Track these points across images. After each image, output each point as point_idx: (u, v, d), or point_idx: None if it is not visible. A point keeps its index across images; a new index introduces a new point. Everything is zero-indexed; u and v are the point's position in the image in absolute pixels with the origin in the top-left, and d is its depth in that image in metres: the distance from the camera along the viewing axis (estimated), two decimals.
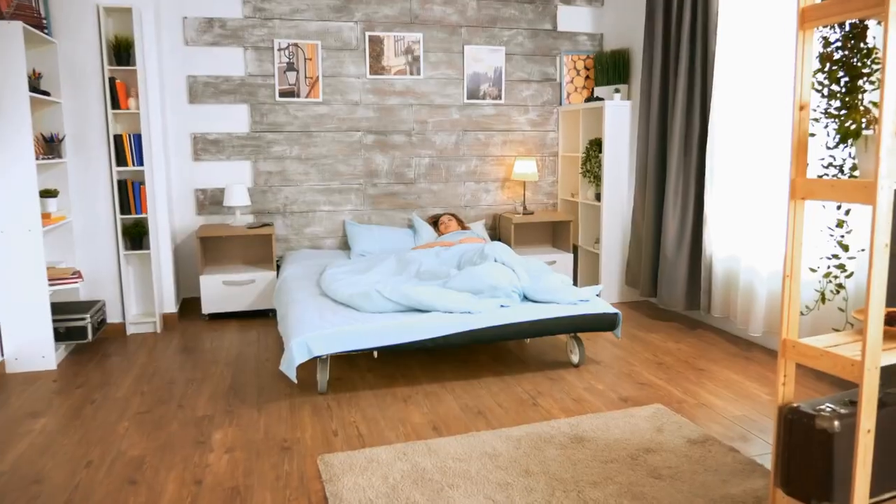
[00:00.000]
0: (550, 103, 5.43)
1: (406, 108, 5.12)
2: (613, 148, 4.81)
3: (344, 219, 5.13)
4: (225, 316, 4.68)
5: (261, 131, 4.88)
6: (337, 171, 5.06)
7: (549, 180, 5.53)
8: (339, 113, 5.00)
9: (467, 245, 4.16)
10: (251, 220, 4.95)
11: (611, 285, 4.97)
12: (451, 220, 4.93)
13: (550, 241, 5.54)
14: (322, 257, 4.78)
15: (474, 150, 5.31)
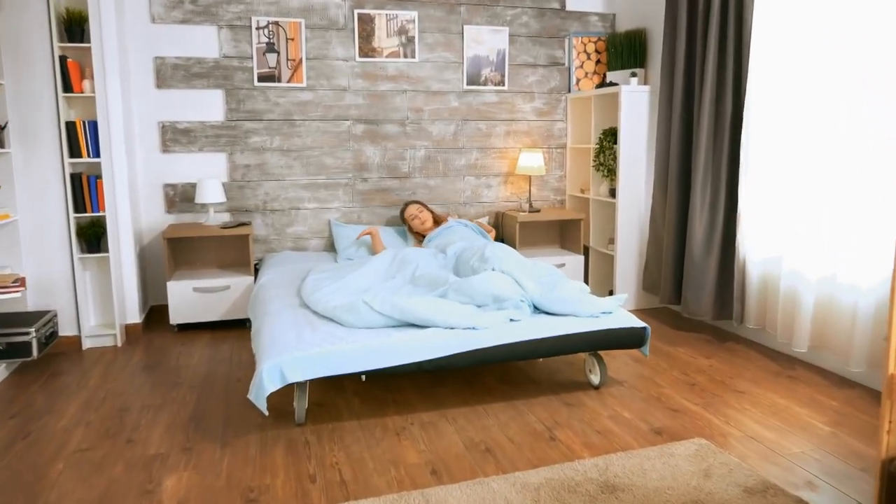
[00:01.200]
0: (558, 90, 4.94)
1: (399, 95, 4.62)
2: (630, 138, 4.32)
3: (331, 218, 4.63)
4: (196, 327, 4.18)
5: (237, 120, 4.38)
6: (323, 165, 4.56)
7: (557, 175, 5.04)
8: (325, 100, 4.50)
9: (464, 246, 3.68)
10: (227, 218, 4.45)
11: (626, 291, 4.49)
12: (422, 212, 4.26)
13: (558, 241, 5.06)
14: (306, 260, 4.28)
15: (475, 142, 4.82)
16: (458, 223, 4.24)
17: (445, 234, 4.10)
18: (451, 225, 4.19)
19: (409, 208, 4.34)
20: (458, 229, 4.14)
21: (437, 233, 4.14)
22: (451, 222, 4.23)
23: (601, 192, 4.60)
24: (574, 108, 4.95)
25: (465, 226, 4.23)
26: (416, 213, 4.28)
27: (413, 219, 4.27)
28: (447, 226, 4.18)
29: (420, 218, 4.25)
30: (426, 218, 4.26)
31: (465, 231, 4.13)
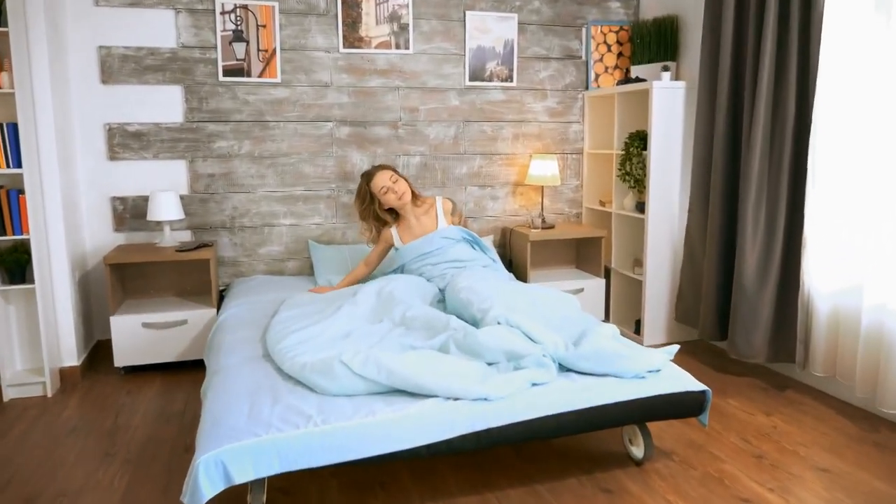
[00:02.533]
0: (574, 87, 4.29)
1: (391, 92, 3.96)
2: (662, 143, 3.67)
3: (310, 236, 3.96)
4: (148, 368, 3.51)
5: (199, 121, 3.71)
6: (301, 174, 3.89)
7: (573, 184, 4.38)
8: (304, 97, 3.83)
9: (461, 286, 2.88)
10: (188, 237, 3.78)
11: (655, 321, 3.84)
12: (397, 182, 3.25)
13: (574, 260, 4.40)
14: (280, 287, 3.61)
15: (478, 146, 4.16)
16: (444, 234, 3.30)
17: (432, 254, 3.28)
18: (431, 239, 3.28)
19: (378, 177, 3.25)
20: (445, 247, 3.28)
21: (416, 248, 3.28)
22: (437, 206, 3.41)
23: (626, 206, 3.94)
24: (593, 108, 4.29)
25: (452, 240, 3.30)
26: (390, 183, 3.23)
27: (385, 192, 3.24)
28: (427, 238, 3.30)
29: (395, 191, 3.24)
30: (403, 190, 3.27)
31: (453, 248, 3.29)
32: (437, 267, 3.23)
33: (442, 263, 3.24)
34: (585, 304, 4.03)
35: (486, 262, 3.32)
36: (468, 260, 3.27)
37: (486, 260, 3.34)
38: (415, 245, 3.31)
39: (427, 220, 3.38)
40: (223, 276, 3.86)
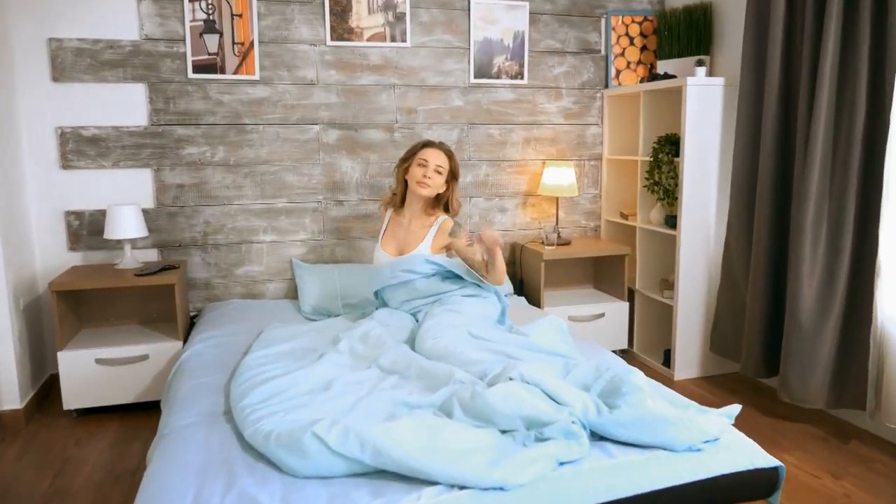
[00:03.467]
0: (593, 84, 3.81)
1: (385, 91, 3.49)
2: (697, 148, 3.19)
3: (294, 255, 3.48)
4: (104, 410, 3.03)
5: (166, 124, 3.24)
6: (283, 184, 3.42)
7: (590, 194, 3.90)
8: (286, 97, 3.36)
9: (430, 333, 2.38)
10: (155, 256, 3.31)
11: (687, 351, 3.36)
12: (438, 171, 2.74)
13: (592, 280, 3.92)
14: (260, 314, 3.15)
15: (484, 152, 3.68)
16: (409, 265, 2.71)
17: (398, 289, 2.75)
18: (394, 267, 2.73)
19: (431, 152, 2.75)
20: (411, 281, 2.71)
21: (380, 274, 2.77)
22: (435, 224, 2.79)
23: (654, 220, 3.46)
24: (613, 109, 3.81)
25: (418, 274, 2.70)
26: (431, 165, 2.71)
27: (420, 166, 2.73)
28: (391, 264, 2.74)
29: (426, 176, 2.71)
30: (433, 185, 2.73)
31: (421, 282, 2.72)
32: (406, 304, 2.76)
33: (414, 300, 2.74)
34: (606, 330, 3.55)
35: (469, 289, 2.74)
36: (444, 292, 2.72)
37: (468, 288, 2.74)
38: (381, 268, 2.79)
39: (418, 231, 2.82)
40: (195, 300, 3.39)
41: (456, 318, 2.49)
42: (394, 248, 2.85)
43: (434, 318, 2.45)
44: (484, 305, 2.67)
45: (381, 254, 2.86)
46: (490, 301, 2.72)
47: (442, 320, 2.43)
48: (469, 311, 2.57)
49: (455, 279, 2.77)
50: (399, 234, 2.86)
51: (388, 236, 2.89)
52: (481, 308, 2.64)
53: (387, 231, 2.91)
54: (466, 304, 2.62)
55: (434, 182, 2.75)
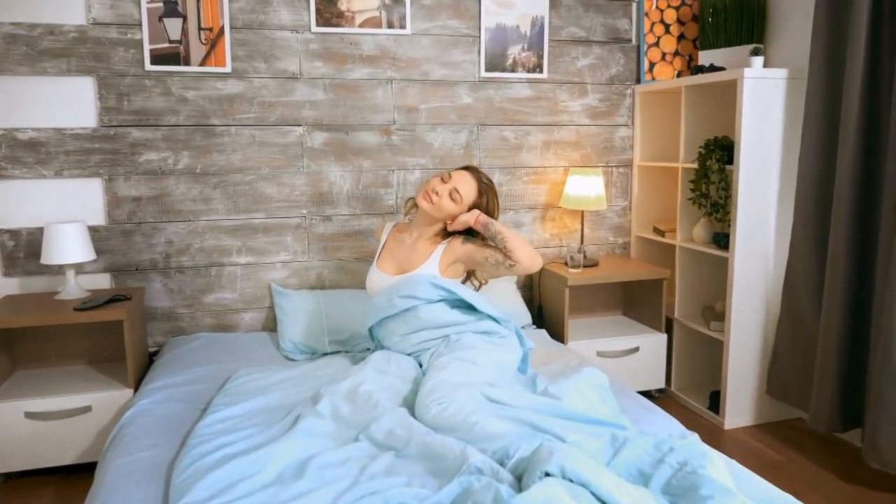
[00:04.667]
0: (622, 79, 3.29)
1: (381, 87, 2.96)
2: (755, 154, 2.66)
3: (273, 280, 2.96)
4: (37, 474, 2.50)
5: (119, 125, 2.72)
6: (260, 196, 2.89)
7: (619, 206, 3.37)
8: (264, 93, 2.84)
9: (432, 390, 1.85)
10: (108, 282, 2.78)
11: (739, 394, 2.83)
12: (451, 192, 2.21)
13: (621, 305, 3.38)
14: (232, 351, 2.66)
15: (497, 158, 3.16)
16: (410, 291, 2.18)
17: (394, 322, 2.21)
18: (391, 293, 2.19)
19: (456, 173, 2.26)
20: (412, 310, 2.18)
21: (377, 305, 2.23)
22: (440, 247, 2.28)
23: (698, 238, 2.93)
24: (646, 107, 3.29)
25: (421, 300, 2.17)
26: (443, 185, 2.21)
27: (430, 181, 2.26)
28: (389, 289, 2.22)
29: (435, 192, 2.20)
30: (440, 204, 2.20)
31: (424, 310, 2.17)
32: (407, 339, 2.21)
33: (416, 334, 2.19)
34: (640, 366, 3.02)
35: (483, 323, 2.20)
36: (452, 324, 2.19)
37: (483, 322, 2.21)
38: (376, 296, 2.26)
39: (423, 249, 2.31)
40: (156, 334, 2.86)
41: (468, 370, 1.96)
42: (393, 267, 2.33)
43: (439, 373, 1.92)
44: (501, 350, 2.14)
45: (377, 275, 2.34)
46: (509, 343, 2.19)
47: (449, 376, 1.90)
48: (484, 359, 2.04)
49: (466, 309, 2.24)
50: (400, 253, 2.34)
51: (387, 255, 2.37)
52: (498, 354, 2.11)
53: (385, 249, 2.39)
54: (481, 349, 2.08)
55: (441, 203, 2.22)
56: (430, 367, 2.00)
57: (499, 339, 2.18)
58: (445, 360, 1.99)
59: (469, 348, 2.07)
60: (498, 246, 2.16)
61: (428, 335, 2.19)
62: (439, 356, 2.05)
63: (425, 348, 2.19)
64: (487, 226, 2.19)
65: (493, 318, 2.24)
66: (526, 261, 2.15)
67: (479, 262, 2.23)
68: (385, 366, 2.08)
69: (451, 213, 2.23)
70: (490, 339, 2.17)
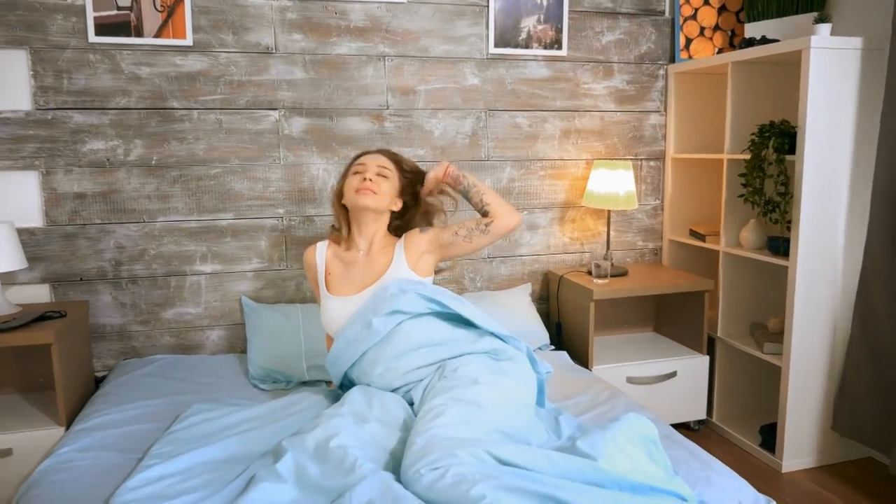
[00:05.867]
0: (654, 57, 2.83)
1: (372, 64, 2.51)
2: (824, 141, 2.20)
3: (244, 291, 2.51)
4: None
5: (59, 108, 2.28)
6: (228, 192, 2.45)
7: (650, 205, 2.91)
8: (232, 71, 2.39)
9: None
10: (48, 295, 2.34)
11: (799, 429, 2.35)
12: (381, 175, 1.84)
13: (652, 320, 2.92)
14: (189, 379, 2.22)
15: (509, 149, 2.70)
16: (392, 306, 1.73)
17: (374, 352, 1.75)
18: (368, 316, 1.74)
19: (369, 155, 1.89)
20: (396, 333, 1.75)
21: (345, 338, 1.76)
22: (399, 245, 1.87)
23: (748, 243, 2.47)
24: (682, 90, 2.82)
25: (406, 314, 1.74)
26: (373, 168, 1.84)
27: (356, 173, 1.85)
28: (364, 311, 1.76)
29: (367, 185, 1.80)
30: (379, 191, 1.82)
31: (411, 328, 1.75)
32: (393, 370, 1.73)
33: (403, 360, 1.72)
34: (677, 393, 2.56)
35: (483, 342, 1.74)
36: (446, 343, 1.73)
37: (485, 340, 1.75)
38: (342, 334, 1.77)
39: (382, 256, 1.87)
40: (105, 356, 2.42)
41: (470, 416, 1.50)
42: (353, 287, 1.86)
43: (433, 423, 1.45)
44: (512, 380, 1.66)
45: (336, 302, 1.84)
46: (520, 368, 1.72)
47: (446, 427, 1.43)
48: (491, 397, 1.58)
49: (459, 322, 1.78)
50: (355, 272, 1.87)
51: (337, 281, 1.88)
52: (509, 386, 1.64)
53: (330, 276, 1.89)
54: (486, 383, 1.61)
55: (380, 187, 1.83)
56: (422, 411, 1.54)
57: (507, 362, 1.72)
58: (441, 403, 1.53)
59: (471, 383, 1.60)
60: (472, 200, 1.87)
61: (418, 360, 1.72)
62: (434, 395, 1.59)
63: (416, 379, 1.73)
64: (459, 179, 1.88)
65: (496, 334, 1.79)
66: (505, 215, 1.83)
67: (449, 242, 1.85)
68: (366, 409, 1.62)
69: (393, 196, 1.88)
70: (497, 363, 1.70)
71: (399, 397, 1.71)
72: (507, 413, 1.58)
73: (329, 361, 1.81)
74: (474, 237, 1.83)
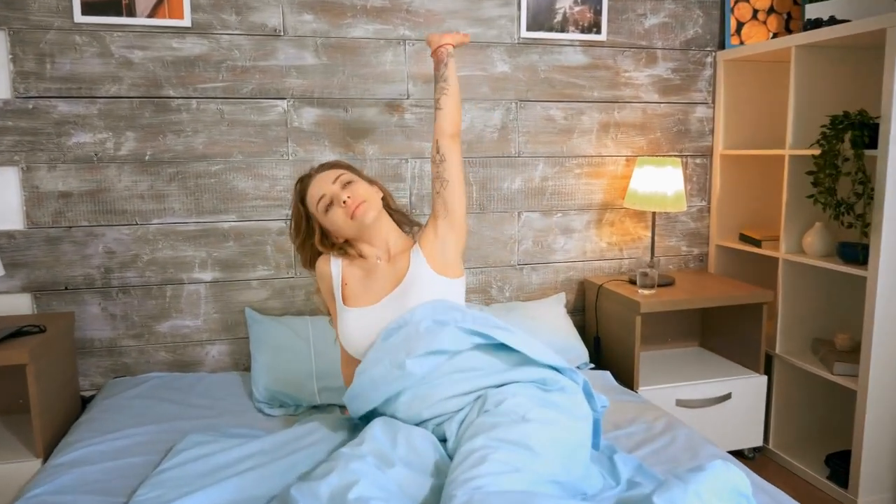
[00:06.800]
0: (701, 43, 2.56)
1: (391, 49, 2.26)
2: None
3: (248, 302, 2.25)
4: None
5: (41, 97, 2.03)
6: (231, 191, 2.19)
7: (696, 206, 2.64)
8: (235, 56, 2.14)
9: None
10: (29, 305, 2.10)
11: (877, 462, 2.07)
12: (348, 185, 1.56)
13: (697, 335, 2.64)
14: (185, 402, 1.98)
15: (541, 143, 2.43)
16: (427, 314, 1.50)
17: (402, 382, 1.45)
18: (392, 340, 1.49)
19: (315, 183, 1.59)
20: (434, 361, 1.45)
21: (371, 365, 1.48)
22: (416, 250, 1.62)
23: (813, 249, 2.19)
24: (732, 79, 2.55)
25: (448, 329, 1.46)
26: (334, 189, 1.56)
27: (327, 207, 1.56)
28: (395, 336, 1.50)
29: (343, 201, 1.54)
30: (361, 198, 1.55)
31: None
32: (423, 399, 1.45)
33: (430, 391, 1.44)
34: (730, 417, 2.28)
35: (530, 370, 1.45)
36: (487, 371, 1.45)
37: (531, 368, 1.46)
38: (366, 364, 1.49)
39: (401, 263, 1.61)
40: (93, 374, 2.17)
41: (520, 461, 1.23)
42: (373, 295, 1.59)
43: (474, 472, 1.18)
44: (566, 416, 1.39)
45: (352, 315, 1.58)
46: (574, 402, 1.44)
47: (489, 477, 1.16)
48: (543, 439, 1.30)
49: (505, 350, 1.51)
50: (374, 279, 1.61)
51: (356, 292, 1.61)
52: (563, 428, 1.36)
53: (347, 287, 1.62)
54: (537, 421, 1.33)
55: (358, 192, 1.57)
56: (461, 453, 1.27)
57: (559, 393, 1.44)
58: (484, 445, 1.26)
59: (518, 419, 1.33)
60: (439, 81, 1.68)
61: (452, 387, 1.45)
62: (474, 434, 1.32)
63: (451, 410, 1.46)
64: (439, 63, 1.70)
65: (550, 365, 1.51)
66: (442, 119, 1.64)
67: (440, 205, 1.64)
68: (390, 449, 1.35)
69: (377, 199, 1.61)
70: (547, 395, 1.43)
71: (428, 433, 1.44)
72: (562, 457, 1.31)
73: (349, 397, 1.53)
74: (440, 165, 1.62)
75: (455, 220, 1.63)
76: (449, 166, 1.61)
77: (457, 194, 1.62)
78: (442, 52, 1.69)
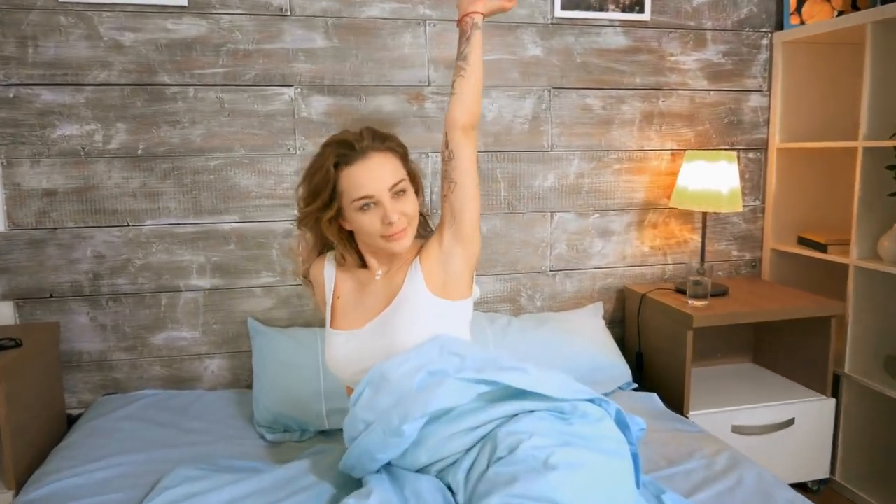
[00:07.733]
0: (756, 24, 2.29)
1: (410, 30, 2.02)
2: None
3: (250, 312, 2.04)
4: None
5: (22, 84, 1.83)
6: (233, 190, 1.98)
7: (747, 206, 2.37)
8: (236, 38, 1.92)
9: None
10: (10, 314, 1.90)
11: None
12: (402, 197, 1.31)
13: (749, 350, 2.37)
14: (179, 425, 1.79)
15: (577, 136, 2.18)
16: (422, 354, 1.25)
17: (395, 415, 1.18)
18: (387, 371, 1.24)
19: (364, 169, 1.30)
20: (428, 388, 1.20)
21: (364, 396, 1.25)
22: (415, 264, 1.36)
23: (890, 254, 1.91)
24: (791, 63, 2.27)
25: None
26: (386, 196, 1.28)
27: (367, 209, 1.28)
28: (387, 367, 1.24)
29: (390, 218, 1.27)
30: (405, 223, 1.30)
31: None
32: (426, 442, 1.20)
33: (432, 436, 1.20)
34: (792, 444, 2.01)
35: (543, 401, 1.20)
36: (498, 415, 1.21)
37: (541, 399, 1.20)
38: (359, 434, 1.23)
39: (397, 280, 1.36)
40: (81, 390, 1.97)
41: None
42: (362, 316, 1.37)
43: None
44: (597, 457, 1.12)
45: (338, 339, 1.36)
46: (601, 429, 1.18)
47: None
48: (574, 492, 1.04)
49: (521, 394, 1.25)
50: (366, 295, 1.39)
51: (345, 306, 1.40)
52: (596, 470, 1.09)
53: (339, 300, 1.41)
54: (562, 468, 1.05)
55: (408, 218, 1.32)
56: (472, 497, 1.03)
57: (581, 422, 1.18)
58: (495, 482, 1.02)
59: (539, 467, 1.05)
60: (458, 59, 1.38)
61: (451, 426, 1.20)
62: (488, 491, 1.05)
63: (454, 453, 1.21)
64: (464, 32, 1.38)
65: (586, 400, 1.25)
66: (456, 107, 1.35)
67: (447, 211, 1.35)
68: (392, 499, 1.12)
69: (416, 222, 1.36)
70: (568, 426, 1.17)
71: (435, 481, 1.21)
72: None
73: (345, 467, 1.28)
74: (448, 163, 1.33)
75: (463, 231, 1.33)
76: (458, 165, 1.32)
77: (467, 199, 1.33)
78: (466, 23, 1.38)
